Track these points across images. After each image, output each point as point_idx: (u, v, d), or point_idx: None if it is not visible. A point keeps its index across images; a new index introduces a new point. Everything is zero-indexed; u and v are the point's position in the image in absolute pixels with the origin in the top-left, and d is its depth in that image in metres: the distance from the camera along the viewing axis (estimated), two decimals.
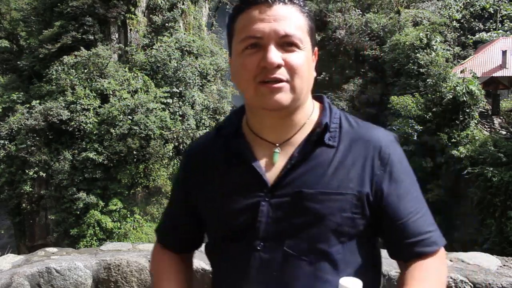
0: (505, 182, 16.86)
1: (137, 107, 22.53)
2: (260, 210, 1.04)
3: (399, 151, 1.09)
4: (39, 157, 22.03)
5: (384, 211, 1.04)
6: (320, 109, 1.14)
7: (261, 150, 1.08)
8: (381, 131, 1.11)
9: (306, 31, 1.04)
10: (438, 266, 1.05)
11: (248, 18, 1.00)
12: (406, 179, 1.07)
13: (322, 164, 1.04)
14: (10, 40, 27.11)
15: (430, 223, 1.07)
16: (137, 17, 25.49)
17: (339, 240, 1.02)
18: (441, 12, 29.31)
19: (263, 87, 0.99)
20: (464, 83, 19.74)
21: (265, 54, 0.98)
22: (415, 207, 1.05)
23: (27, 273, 2.71)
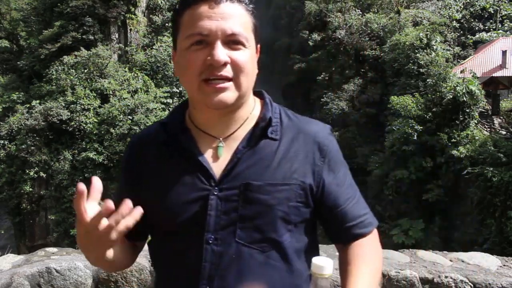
0: (505, 182, 16.86)
1: (137, 107, 22.54)
2: (209, 203, 1.05)
3: (335, 143, 1.16)
4: (39, 157, 22.04)
5: (325, 199, 1.11)
6: (262, 104, 1.17)
7: (205, 145, 1.10)
8: (319, 124, 1.17)
9: (251, 29, 1.06)
10: (374, 244, 1.16)
11: (195, 14, 1.01)
12: (342, 168, 1.15)
13: (266, 156, 1.08)
14: (10, 40, 27.13)
15: (364, 206, 1.17)
16: (137, 17, 25.51)
17: (286, 228, 1.07)
18: (441, 12, 29.32)
19: (208, 86, 1.01)
20: (464, 83, 19.74)
21: (212, 52, 0.99)
22: (351, 194, 1.14)
23: (27, 273, 2.71)
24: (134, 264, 2.79)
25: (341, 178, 1.14)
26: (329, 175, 1.11)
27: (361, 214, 1.14)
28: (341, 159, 1.16)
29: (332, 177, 1.12)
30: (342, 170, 1.15)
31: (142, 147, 1.17)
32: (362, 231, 1.14)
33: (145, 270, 2.79)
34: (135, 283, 2.77)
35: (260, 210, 1.05)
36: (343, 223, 1.12)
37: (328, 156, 1.12)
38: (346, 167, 1.18)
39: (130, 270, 2.78)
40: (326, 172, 1.11)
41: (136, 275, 2.77)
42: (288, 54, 34.47)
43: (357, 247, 1.12)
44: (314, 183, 1.09)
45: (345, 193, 1.13)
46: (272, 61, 40.15)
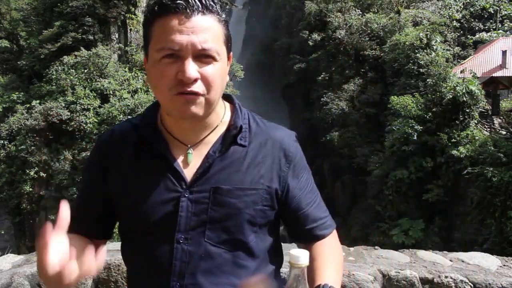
0: (505, 182, 16.86)
1: (137, 107, 22.54)
2: (180, 205, 1.09)
3: (299, 149, 1.22)
4: (39, 157, 22.04)
5: (289, 203, 1.17)
6: (231, 109, 1.20)
7: (175, 149, 1.13)
8: (285, 131, 1.22)
9: (222, 41, 1.06)
10: (335, 243, 1.24)
11: (166, 26, 1.00)
12: (305, 174, 1.21)
13: (236, 162, 1.12)
14: (10, 40, 27.13)
15: (324, 210, 1.24)
16: (137, 17, 25.51)
17: (252, 230, 1.12)
18: (441, 12, 29.32)
19: (178, 97, 1.02)
20: (464, 83, 19.74)
21: (182, 68, 0.99)
22: (313, 198, 1.21)
23: (27, 273, 2.71)
24: None
25: (304, 183, 1.20)
26: (293, 180, 1.17)
27: (321, 216, 1.22)
28: (305, 164, 1.22)
29: (296, 182, 1.18)
30: (305, 175, 1.21)
31: (112, 146, 1.18)
32: (322, 232, 1.21)
33: None
34: None
35: (229, 212, 1.10)
36: (305, 225, 1.20)
37: (293, 162, 1.17)
38: (309, 172, 1.24)
39: None
40: (290, 178, 1.17)
41: None
42: (288, 54, 34.45)
43: (319, 246, 1.20)
44: (279, 188, 1.15)
45: (307, 197, 1.20)
46: (272, 61, 40.12)
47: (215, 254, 1.10)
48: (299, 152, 1.21)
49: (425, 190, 19.63)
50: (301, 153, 1.22)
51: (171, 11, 1.00)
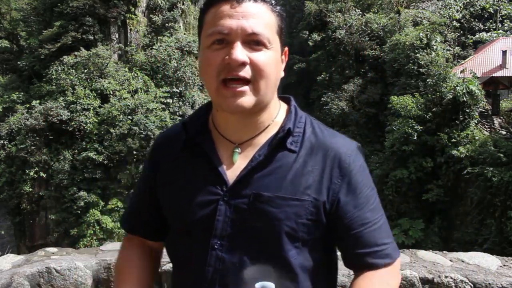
0: (505, 182, 16.86)
1: (137, 107, 22.54)
2: (218, 208, 1.04)
3: (360, 161, 1.08)
4: (39, 157, 22.04)
5: (339, 221, 1.04)
6: (286, 111, 1.12)
7: (222, 149, 1.09)
8: (344, 139, 1.10)
9: (275, 30, 1.02)
10: (387, 279, 1.05)
11: (217, 12, 0.99)
12: (365, 190, 1.06)
13: (282, 168, 1.04)
14: (10, 40, 27.12)
15: (386, 235, 1.07)
16: (137, 17, 25.51)
17: (294, 245, 1.02)
18: (441, 12, 29.31)
19: (226, 90, 0.98)
20: (464, 83, 19.73)
21: (230, 51, 0.96)
22: (372, 218, 1.05)
23: (27, 273, 2.71)
24: None
25: (362, 200, 1.05)
26: (347, 196, 1.04)
27: (379, 242, 1.05)
28: (366, 179, 1.08)
29: (350, 198, 1.04)
30: (365, 192, 1.06)
31: (164, 146, 1.19)
32: (375, 261, 1.04)
33: None
34: None
35: (267, 222, 1.01)
36: (355, 248, 1.05)
37: (348, 175, 1.05)
38: (372, 189, 1.08)
39: None
40: (343, 192, 1.04)
41: None
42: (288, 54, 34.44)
43: (365, 278, 1.04)
44: (328, 201, 1.03)
45: (364, 216, 1.04)
46: None
47: (250, 266, 1.02)
48: (358, 165, 1.07)
49: (425, 190, 19.63)
50: (361, 165, 1.08)
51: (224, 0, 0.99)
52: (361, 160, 1.09)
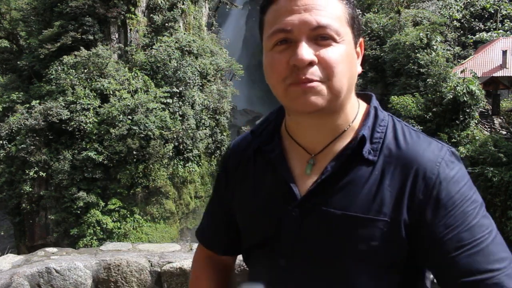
0: (505, 182, 16.86)
1: (137, 107, 22.54)
2: (284, 224, 0.96)
3: (453, 171, 0.90)
4: (39, 157, 22.03)
5: (428, 244, 0.88)
6: (364, 113, 0.99)
7: (296, 158, 0.99)
8: (433, 145, 0.94)
9: (345, 21, 0.90)
10: None
11: (277, 9, 0.90)
12: (461, 204, 0.88)
13: (356, 182, 0.92)
14: (10, 40, 27.12)
15: (494, 259, 0.85)
16: (137, 17, 25.50)
17: (365, 270, 0.90)
18: (441, 12, 29.32)
19: (294, 87, 0.88)
20: (464, 83, 19.74)
21: (295, 51, 0.86)
22: (471, 239, 0.86)
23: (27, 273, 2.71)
24: (134, 264, 2.79)
25: (456, 217, 0.87)
26: (434, 213, 0.87)
27: (481, 269, 0.83)
28: (462, 191, 0.89)
29: (441, 215, 0.87)
30: (460, 208, 0.87)
31: (235, 155, 1.12)
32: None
33: (145, 270, 2.79)
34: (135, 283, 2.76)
35: (335, 244, 0.91)
36: (451, 278, 0.86)
37: (436, 188, 0.88)
38: (470, 203, 0.89)
39: (130, 270, 2.77)
40: (430, 209, 0.87)
41: (136, 275, 2.77)
42: None
43: None
44: (409, 221, 0.88)
45: (461, 237, 0.85)
46: None
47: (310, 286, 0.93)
48: (451, 176, 0.89)
49: None
50: (456, 176, 0.90)
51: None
52: (456, 169, 0.91)
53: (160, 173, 23.14)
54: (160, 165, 23.14)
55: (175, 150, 23.68)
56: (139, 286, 2.76)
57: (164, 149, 22.83)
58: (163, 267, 2.76)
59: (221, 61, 26.75)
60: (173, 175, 23.85)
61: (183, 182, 24.46)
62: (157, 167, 22.98)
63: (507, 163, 17.30)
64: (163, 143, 22.99)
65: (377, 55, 26.54)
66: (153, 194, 23.33)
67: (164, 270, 2.75)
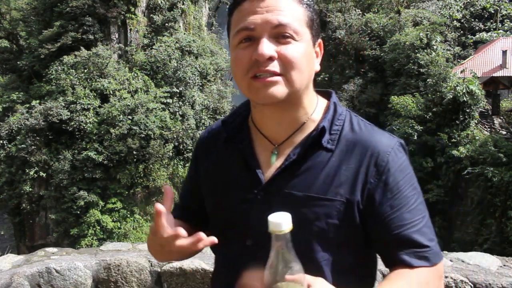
0: (505, 182, 16.86)
1: (137, 107, 22.54)
2: (251, 206, 1.04)
3: (400, 159, 1.02)
4: (39, 157, 22.04)
5: (375, 222, 0.99)
6: (325, 108, 1.09)
7: (262, 148, 1.08)
8: (384, 136, 1.05)
9: (304, 22, 0.99)
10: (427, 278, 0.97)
11: (242, 10, 0.98)
12: (405, 189, 1.01)
13: (315, 167, 1.01)
14: (10, 40, 27.12)
15: (427, 238, 1.00)
16: (137, 17, 25.50)
17: (324, 246, 1.00)
18: (441, 12, 29.32)
19: (256, 81, 0.97)
20: (464, 83, 19.75)
21: (257, 47, 0.95)
22: (411, 219, 0.99)
23: (27, 273, 2.71)
24: (134, 264, 2.80)
25: (399, 200, 0.99)
26: (384, 196, 0.99)
27: (416, 244, 0.98)
28: (406, 179, 1.01)
29: (387, 198, 0.99)
30: (404, 192, 1.00)
31: (205, 142, 1.21)
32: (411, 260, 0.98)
33: (145, 270, 2.79)
34: (135, 283, 2.77)
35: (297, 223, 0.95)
36: (392, 250, 0.99)
37: (385, 174, 0.99)
38: (412, 189, 1.02)
39: (130, 270, 2.78)
40: (379, 192, 0.99)
41: (136, 275, 2.77)
42: None
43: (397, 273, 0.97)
44: (362, 202, 0.99)
45: (402, 217, 0.99)
46: None
47: None
48: (398, 164, 1.01)
49: (425, 190, 19.63)
50: (402, 164, 1.02)
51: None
52: (402, 158, 1.03)
53: (160, 173, 23.14)
54: (160, 165, 23.14)
55: (175, 150, 23.67)
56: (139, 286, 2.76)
57: (164, 149, 22.83)
58: (163, 267, 2.76)
59: (221, 61, 26.74)
60: (173, 175, 23.86)
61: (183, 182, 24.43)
62: (157, 167, 22.98)
63: (507, 163, 17.30)
64: (163, 143, 22.99)
65: (377, 55, 26.54)
66: (153, 194, 23.33)
67: (164, 270, 2.75)
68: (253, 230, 1.03)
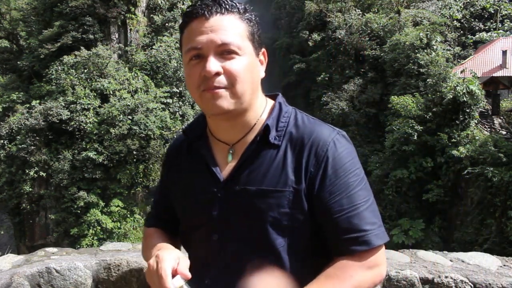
0: (505, 182, 16.86)
1: (137, 107, 22.55)
2: (213, 204, 1.14)
3: (340, 149, 1.10)
4: (39, 157, 22.04)
5: (316, 208, 1.08)
6: (271, 108, 1.19)
7: (218, 151, 1.19)
8: (325, 128, 1.14)
9: (245, 37, 1.09)
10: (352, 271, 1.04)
11: (191, 30, 1.09)
12: (343, 176, 1.08)
13: (265, 162, 1.11)
14: (10, 40, 27.13)
15: (368, 222, 1.06)
16: (137, 17, 25.51)
17: (279, 233, 1.08)
18: (441, 12, 29.31)
19: (205, 93, 1.07)
20: (464, 83, 19.73)
21: (204, 64, 1.05)
22: (350, 205, 1.06)
23: (27, 273, 2.71)
24: (134, 264, 2.80)
25: (340, 186, 1.07)
26: (323, 183, 1.07)
27: (355, 229, 1.05)
28: (346, 166, 1.09)
29: (325, 185, 1.07)
30: (342, 179, 1.07)
31: (172, 152, 1.32)
32: (351, 248, 1.05)
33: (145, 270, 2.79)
34: (135, 283, 2.77)
35: (253, 215, 1.09)
36: (332, 235, 1.08)
37: (324, 162, 1.08)
38: (352, 175, 1.09)
39: (130, 270, 2.78)
40: (319, 179, 1.07)
41: (136, 275, 2.77)
42: (288, 54, 34.45)
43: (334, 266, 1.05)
44: (306, 190, 1.08)
45: (341, 202, 1.06)
46: (272, 61, 40.12)
47: (244, 255, 1.10)
48: (338, 153, 1.09)
49: (425, 190, 19.63)
50: (341, 153, 1.09)
51: (193, 17, 1.08)
52: (343, 148, 1.11)
53: None
54: (160, 165, 23.11)
55: None
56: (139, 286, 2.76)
57: (164, 149, 22.83)
58: None
59: None
60: None
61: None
62: (157, 167, 22.98)
63: (507, 163, 17.29)
64: (163, 143, 23.00)
65: (377, 55, 26.54)
66: (153, 194, 23.31)
67: None
68: (217, 225, 1.13)
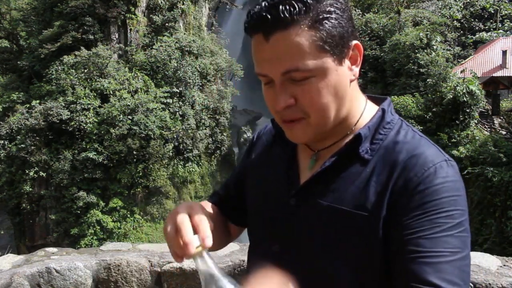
0: (505, 182, 16.86)
1: (137, 107, 22.54)
2: (282, 211, 1.03)
3: (441, 179, 0.87)
4: (39, 157, 22.04)
5: (391, 241, 0.89)
6: (372, 116, 1.01)
7: (302, 153, 1.07)
8: (430, 150, 0.92)
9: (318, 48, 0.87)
10: None
11: (254, 46, 0.92)
12: (433, 213, 0.85)
13: (348, 178, 0.95)
14: (10, 40, 27.12)
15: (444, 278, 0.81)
16: (137, 17, 25.50)
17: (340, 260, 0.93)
18: (441, 11, 29.32)
19: (283, 124, 0.97)
20: (464, 83, 19.74)
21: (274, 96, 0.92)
22: (429, 248, 0.83)
23: (27, 273, 2.71)
24: (134, 264, 2.80)
25: (421, 223, 0.85)
26: (403, 214, 0.87)
27: (427, 280, 0.81)
28: (440, 202, 0.86)
29: (407, 217, 0.86)
30: (432, 216, 0.85)
31: (260, 138, 1.21)
32: None
33: (145, 270, 2.79)
34: (135, 283, 2.77)
35: (318, 233, 0.96)
36: (397, 278, 0.87)
37: (414, 190, 0.87)
38: (446, 217, 0.85)
39: (130, 270, 2.78)
40: (400, 208, 0.87)
41: (136, 275, 2.77)
42: None
43: None
44: (388, 218, 0.89)
45: (416, 243, 0.84)
46: None
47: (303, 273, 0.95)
48: (435, 182, 0.87)
49: None
50: (441, 185, 0.87)
51: (252, 29, 0.90)
52: (445, 179, 0.87)
53: (160, 173, 23.14)
54: (160, 165, 23.13)
55: (175, 150, 23.68)
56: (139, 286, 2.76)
57: (164, 149, 22.83)
58: (163, 267, 2.76)
59: (221, 61, 26.74)
60: (173, 175, 23.86)
61: (183, 182, 24.47)
62: (157, 167, 22.98)
63: (507, 163, 17.30)
64: (163, 143, 22.99)
65: (377, 55, 26.54)
66: (153, 194, 23.33)
67: (164, 270, 2.75)
68: (280, 235, 1.02)
